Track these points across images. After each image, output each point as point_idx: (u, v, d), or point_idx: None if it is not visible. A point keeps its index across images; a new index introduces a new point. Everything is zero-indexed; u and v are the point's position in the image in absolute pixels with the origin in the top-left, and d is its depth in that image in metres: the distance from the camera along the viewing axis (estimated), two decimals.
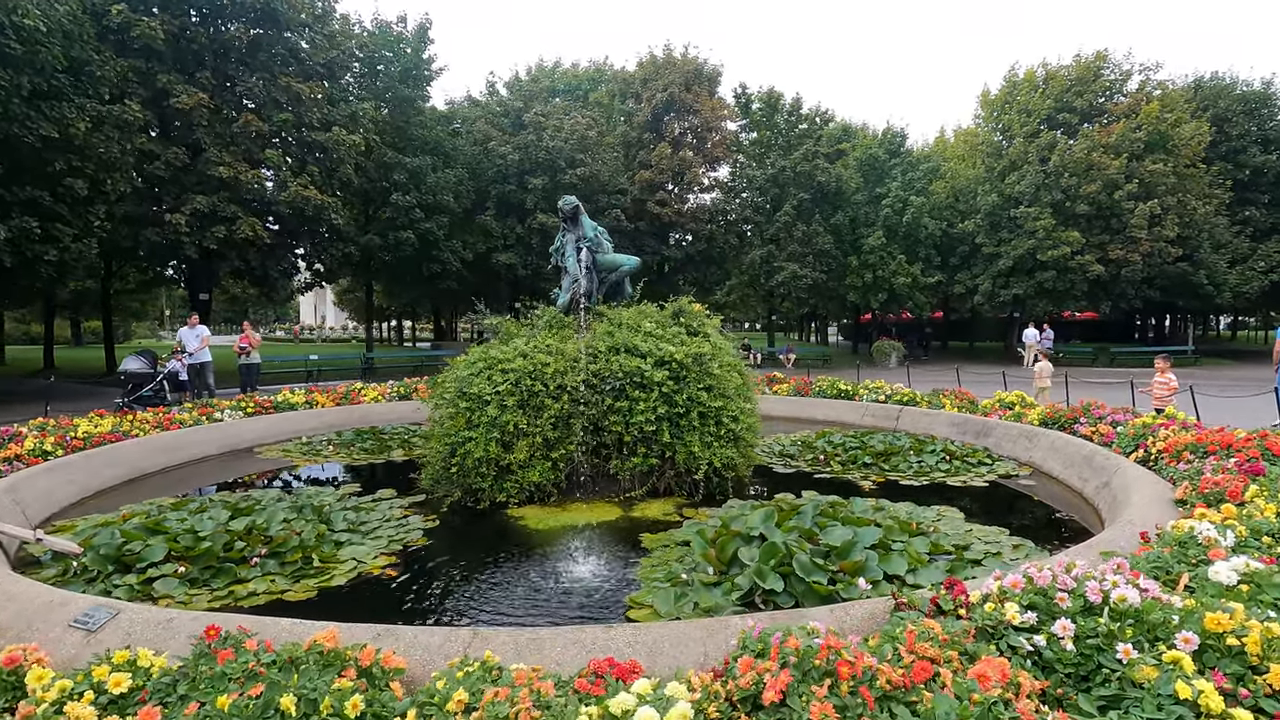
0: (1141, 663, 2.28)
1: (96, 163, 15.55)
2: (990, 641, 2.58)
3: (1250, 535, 3.67)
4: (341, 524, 6.11)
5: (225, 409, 11.28)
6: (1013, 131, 32.62)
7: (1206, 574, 3.06)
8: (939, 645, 2.45)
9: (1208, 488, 4.94)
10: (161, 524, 5.65)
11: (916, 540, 5.23)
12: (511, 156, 26.35)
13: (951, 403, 11.66)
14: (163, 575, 4.89)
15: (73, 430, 8.82)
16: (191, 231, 17.76)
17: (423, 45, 25.70)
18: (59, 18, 14.20)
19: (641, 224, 30.48)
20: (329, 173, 20.89)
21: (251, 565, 5.15)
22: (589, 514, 6.77)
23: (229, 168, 18.03)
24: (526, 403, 7.18)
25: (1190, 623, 2.39)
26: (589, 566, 5.38)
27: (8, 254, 14.40)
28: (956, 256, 34.51)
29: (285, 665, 2.50)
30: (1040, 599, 2.69)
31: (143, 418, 10.15)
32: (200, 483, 8.40)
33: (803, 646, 2.34)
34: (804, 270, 31.45)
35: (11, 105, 13.63)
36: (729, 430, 7.43)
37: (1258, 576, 2.90)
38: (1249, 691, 2.19)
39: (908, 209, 31.91)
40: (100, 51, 15.94)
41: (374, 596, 4.79)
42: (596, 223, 8.90)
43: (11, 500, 6.21)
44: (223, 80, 19.02)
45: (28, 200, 14.59)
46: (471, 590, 4.87)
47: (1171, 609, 2.56)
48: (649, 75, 31.16)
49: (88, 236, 15.97)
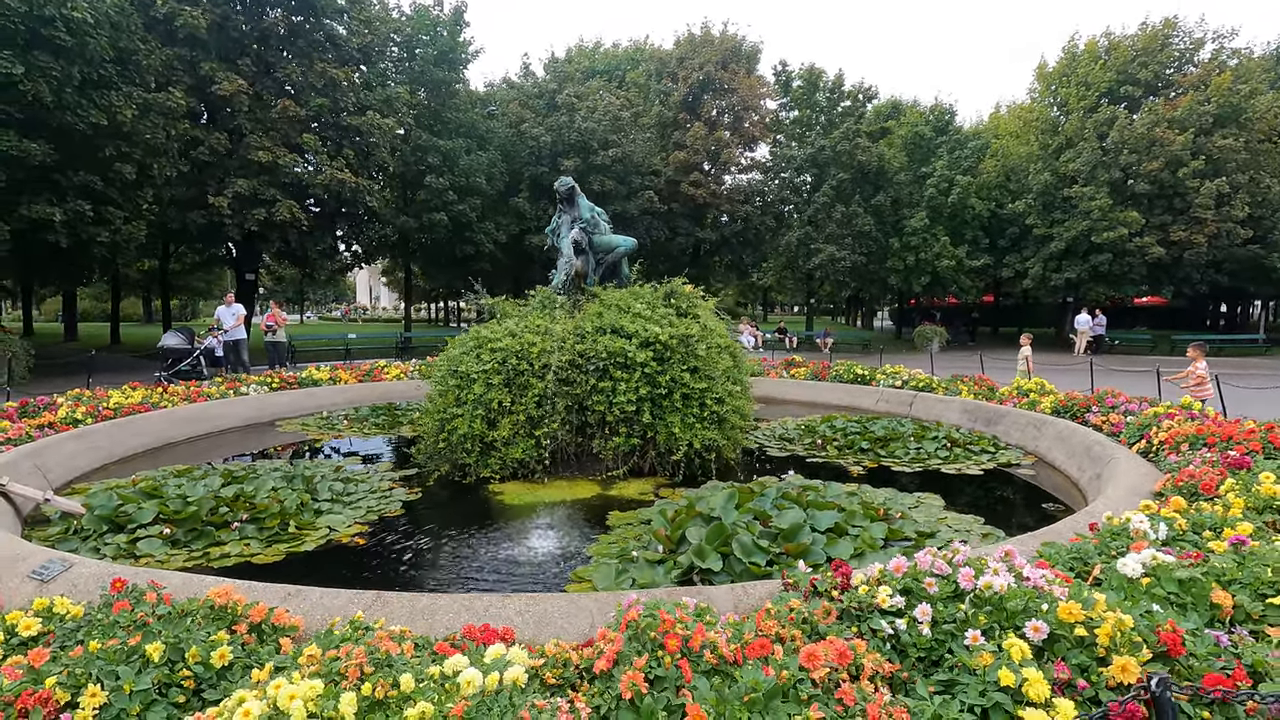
0: (982, 649, 2.24)
1: (144, 148, 16.37)
2: (854, 623, 2.58)
3: (1190, 529, 3.51)
4: (326, 494, 6.39)
5: (251, 384, 11.83)
6: (1069, 106, 30.95)
7: (1116, 566, 2.96)
8: (787, 624, 2.45)
9: (1183, 480, 4.72)
10: (159, 489, 6.03)
11: (875, 526, 5.15)
12: (544, 138, 26.49)
13: (969, 389, 11.32)
14: (148, 536, 5.24)
15: (105, 401, 9.41)
16: (233, 214, 18.57)
17: (458, 28, 25.97)
18: (106, 9, 14.92)
19: (675, 205, 30.25)
20: (365, 156, 21.46)
21: (232, 530, 5.45)
22: (568, 491, 6.89)
23: (268, 152, 18.72)
24: (512, 381, 7.32)
25: (1045, 613, 2.33)
26: (549, 541, 5.50)
27: (64, 235, 15.36)
28: (1006, 238, 33.14)
29: (176, 618, 2.68)
30: (914, 584, 2.65)
31: (174, 390, 10.74)
32: (220, 453, 8.84)
33: (642, 620, 2.39)
34: (842, 252, 30.73)
35: (64, 94, 14.45)
36: (713, 412, 7.41)
37: (1160, 570, 2.79)
38: (1088, 683, 2.14)
39: (953, 189, 30.76)
40: (146, 41, 16.70)
41: (336, 562, 5.02)
42: (621, 205, 8.92)
43: (33, 465, 6.70)
44: (263, 67, 19.69)
45: (81, 185, 15.49)
46: (430, 559, 5.06)
47: (1046, 598, 2.49)
48: (685, 54, 30.72)
49: (137, 219, 16.88)
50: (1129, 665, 2.11)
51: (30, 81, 13.61)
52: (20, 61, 13.41)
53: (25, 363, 15.77)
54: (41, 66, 13.77)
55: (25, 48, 13.55)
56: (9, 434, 7.28)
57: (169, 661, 2.35)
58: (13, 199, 14.55)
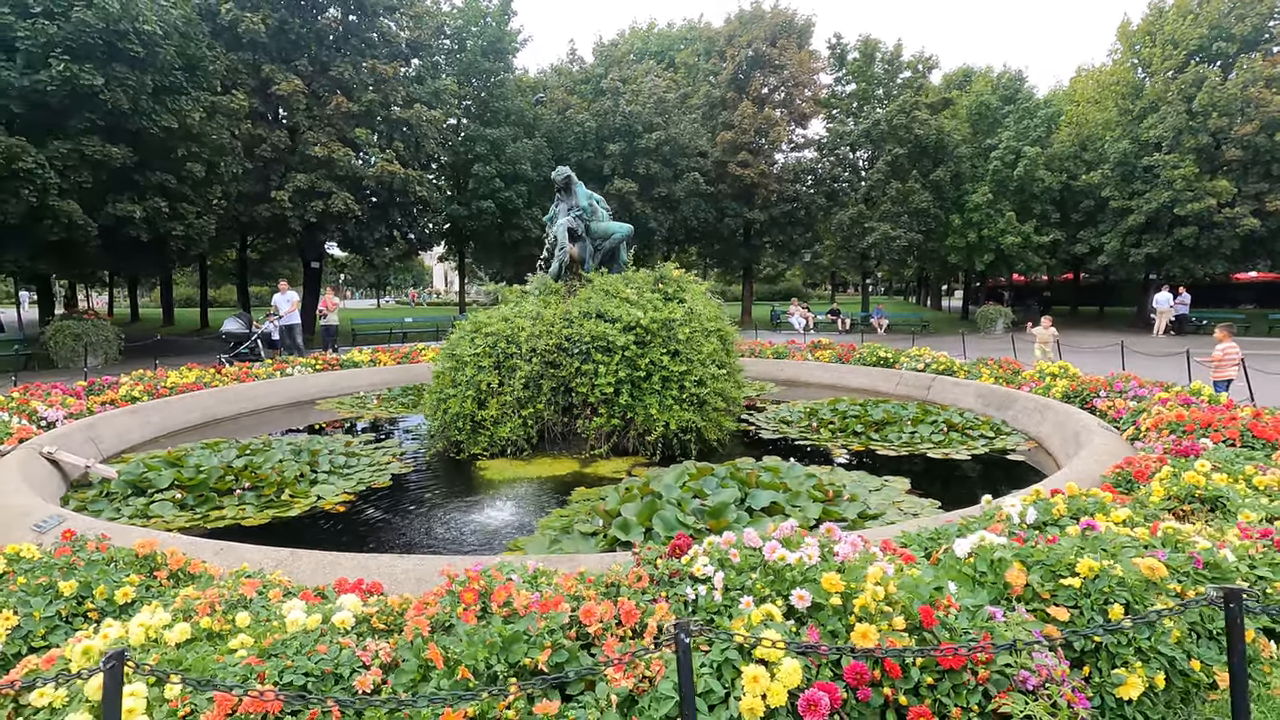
0: (750, 612, 2.44)
1: (211, 148, 17.74)
2: (664, 588, 2.81)
3: (1068, 514, 3.52)
4: (326, 466, 7.01)
5: (297, 365, 12.80)
6: (1153, 67, 28.58)
7: (953, 547, 3.06)
8: (586, 585, 2.71)
9: (1121, 468, 4.61)
10: (182, 459, 6.80)
11: (812, 507, 5.27)
12: (589, 124, 26.79)
13: (991, 373, 10.97)
14: (163, 499, 5.96)
15: (163, 381, 10.46)
16: (294, 206, 19.86)
17: (505, 18, 26.52)
18: (173, 20, 16.20)
19: (723, 186, 29.99)
20: (415, 148, 22.41)
21: (234, 496, 6.12)
22: (549, 468, 7.27)
23: (324, 147, 19.87)
24: (501, 364, 7.75)
25: (811, 583, 2.49)
26: (510, 513, 5.88)
27: (144, 230, 16.91)
28: (1080, 212, 31.08)
29: (104, 563, 3.19)
30: (725, 556, 2.85)
31: (228, 371, 11.78)
32: (261, 429, 9.67)
33: (482, 578, 2.70)
34: (897, 230, 29.70)
35: (140, 101, 15.85)
36: (692, 395, 7.60)
37: (981, 551, 2.88)
38: (827, 647, 2.31)
39: (1020, 161, 29.08)
40: (212, 48, 18.00)
41: (313, 526, 5.57)
42: (668, 188, 8.99)
43: (86, 436, 7.64)
44: (319, 67, 20.82)
45: (157, 184, 16.97)
46: (396, 525, 5.55)
47: (824, 569, 2.64)
48: (734, 32, 30.20)
49: (208, 214, 18.34)
50: (868, 632, 2.27)
51: (110, 91, 15.01)
52: (100, 73, 14.80)
53: (116, 345, 17.50)
54: (119, 77, 15.14)
55: (104, 61, 14.92)
56: (72, 409, 8.29)
57: (79, 596, 2.85)
58: (100, 198, 16.12)
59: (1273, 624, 2.85)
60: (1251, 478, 4.17)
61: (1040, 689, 2.23)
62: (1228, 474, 4.26)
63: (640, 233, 29.54)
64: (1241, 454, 4.84)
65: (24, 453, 6.30)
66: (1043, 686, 2.23)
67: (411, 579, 3.38)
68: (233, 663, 2.26)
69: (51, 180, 14.74)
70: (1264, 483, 4.11)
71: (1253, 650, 2.63)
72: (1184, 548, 2.96)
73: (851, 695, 2.20)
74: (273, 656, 2.27)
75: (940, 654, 2.20)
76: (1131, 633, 2.40)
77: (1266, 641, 2.71)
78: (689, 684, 1.71)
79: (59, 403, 8.30)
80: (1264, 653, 2.67)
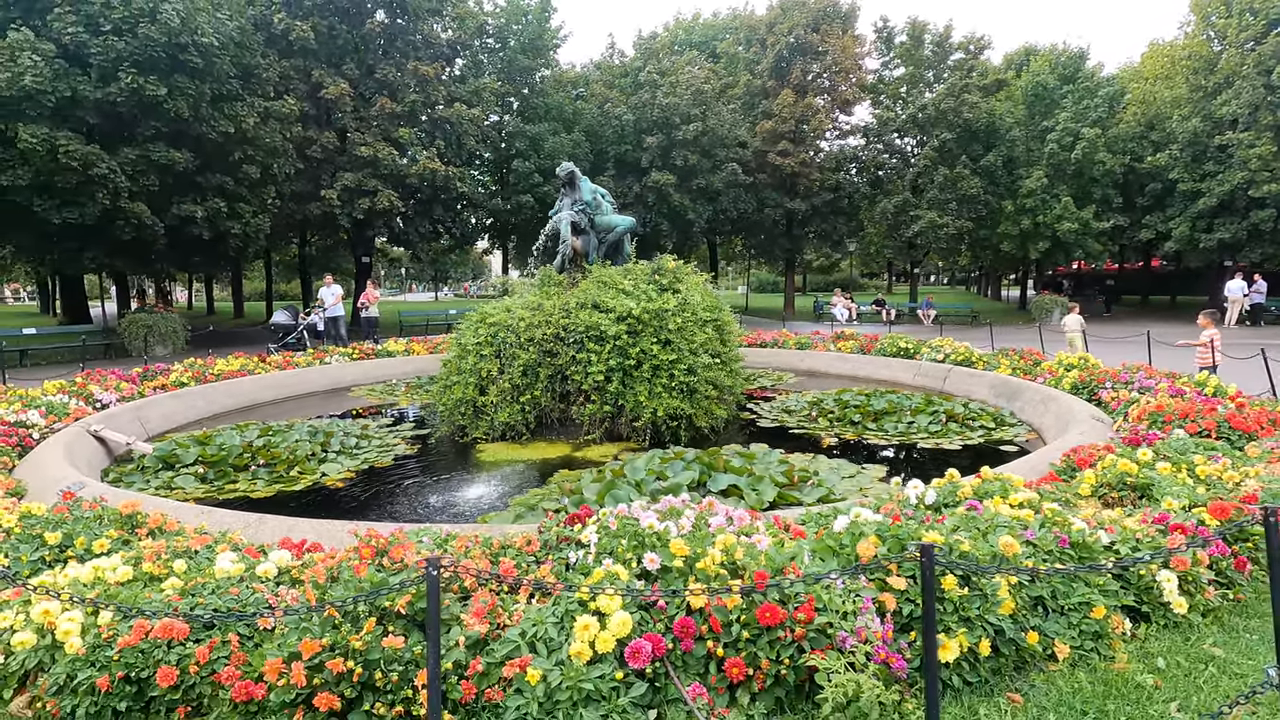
0: (601, 570, 2.69)
1: (265, 151, 18.88)
2: (551, 551, 3.10)
3: (973, 496, 3.61)
4: (337, 447, 7.56)
5: (335, 354, 13.61)
6: (1229, 40, 26.72)
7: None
8: (476, 547, 3.02)
9: (1068, 456, 4.61)
10: (210, 439, 7.47)
11: (768, 490, 5.43)
12: (626, 117, 27.01)
13: (1010, 364, 10.73)
14: (186, 474, 6.60)
15: (211, 368, 11.35)
16: (342, 204, 20.92)
17: (546, 15, 26.99)
18: (229, 32, 17.30)
19: (762, 176, 29.72)
20: (456, 145, 23.18)
21: (249, 472, 6.72)
22: (543, 452, 7.62)
23: (370, 147, 20.83)
24: (501, 352, 8.14)
25: (662, 548, 2.72)
26: (491, 491, 6.26)
27: (205, 228, 18.18)
28: (1146, 196, 29.44)
29: (91, 520, 3.70)
30: (605, 525, 3.11)
31: (272, 360, 12.65)
32: (294, 414, 10.33)
33: (390, 542, 3.05)
34: (945, 218, 28.80)
35: (200, 109, 17.03)
36: (682, 383, 7.80)
37: (852, 526, 3.04)
38: (665, 604, 2.55)
39: (1078, 143, 27.71)
40: (266, 56, 19.12)
41: (312, 498, 6.07)
42: (706, 179, 9.10)
43: (134, 417, 8.45)
44: (365, 70, 21.79)
45: (216, 186, 18.20)
46: (383, 499, 6.00)
47: (692, 537, 2.87)
48: (776, 19, 29.78)
49: (263, 213, 19.54)
50: (699, 591, 2.49)
51: (172, 100, 16.19)
52: (164, 84, 15.97)
53: (183, 336, 18.88)
54: (180, 87, 16.30)
55: (167, 72, 16.09)
56: (124, 393, 9.16)
57: (62, 545, 3.35)
58: (165, 200, 17.41)
59: (1137, 603, 2.91)
60: (1195, 467, 4.13)
61: (857, 649, 2.41)
62: (1173, 463, 4.23)
63: (679, 225, 29.66)
64: (1204, 444, 4.75)
65: (73, 431, 7.06)
66: (859, 646, 2.41)
67: (352, 541, 3.76)
68: (159, 599, 2.66)
69: (123, 184, 16.04)
70: (1206, 472, 4.07)
71: (1102, 626, 2.72)
72: (1063, 529, 3.04)
73: (677, 646, 2.44)
74: (190, 595, 2.67)
75: (760, 614, 2.41)
76: (961, 601, 2.54)
77: (1121, 619, 2.78)
78: (435, 611, 1.95)
79: (113, 387, 9.18)
80: (1116, 629, 2.75)
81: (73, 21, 15.13)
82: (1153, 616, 2.89)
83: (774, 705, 2.40)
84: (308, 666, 2.25)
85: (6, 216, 16.47)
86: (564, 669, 2.31)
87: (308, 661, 2.26)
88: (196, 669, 2.38)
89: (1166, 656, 2.67)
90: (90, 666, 2.39)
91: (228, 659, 2.41)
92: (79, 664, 2.40)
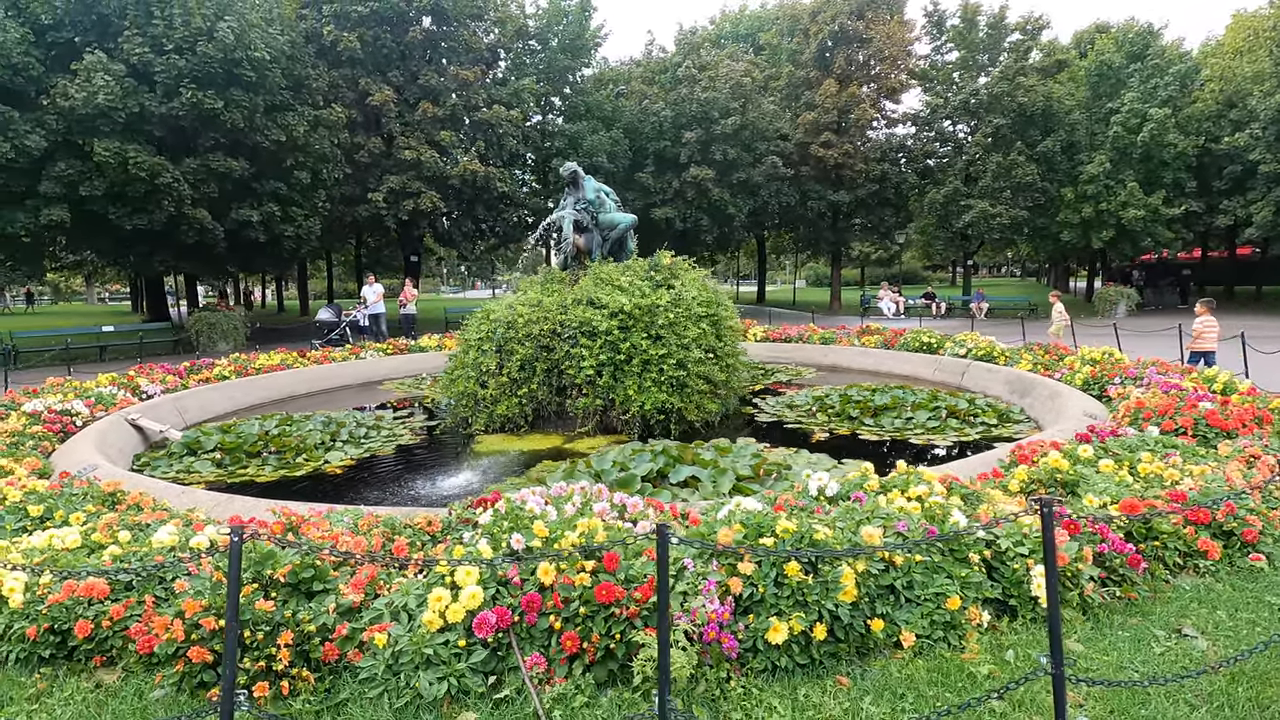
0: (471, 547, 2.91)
1: (315, 157, 19.94)
2: (450, 532, 3.34)
3: (879, 489, 3.65)
4: (345, 436, 8.04)
5: (370, 350, 14.32)
6: None
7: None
8: (376, 528, 3.29)
9: (1013, 452, 4.54)
10: (232, 427, 8.09)
11: (726, 482, 5.52)
12: (665, 113, 27.07)
13: (1031, 359, 10.36)
14: (205, 459, 7.19)
15: (253, 362, 12.16)
16: (388, 206, 21.87)
17: (586, 15, 27.31)
18: (280, 46, 18.35)
19: (805, 169, 29.25)
20: (497, 146, 23.82)
21: (260, 458, 7.25)
22: (536, 443, 7.90)
23: (414, 150, 21.68)
24: (501, 347, 8.45)
25: (525, 530, 2.91)
26: (475, 478, 6.56)
27: (261, 232, 19.36)
28: (1224, 179, 27.45)
29: (79, 496, 4.16)
30: (505, 511, 3.32)
31: (311, 355, 13.43)
32: (325, 406, 10.95)
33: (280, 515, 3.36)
34: (998, 207, 27.66)
35: (255, 119, 18.15)
36: (671, 377, 7.93)
37: (731, 514, 3.16)
38: (521, 581, 2.75)
39: (1145, 124, 26.10)
40: (315, 67, 20.17)
41: (310, 482, 6.52)
42: (746, 173, 9.21)
43: (173, 408, 9.20)
44: (409, 76, 22.67)
45: (271, 191, 19.35)
46: (373, 484, 6.40)
47: (564, 522, 3.05)
48: (819, 7, 29.17)
49: (314, 216, 20.65)
50: (548, 570, 2.68)
51: (229, 113, 17.31)
52: (221, 98, 17.10)
53: (243, 333, 20.16)
54: (236, 100, 17.42)
55: (224, 86, 17.22)
56: (169, 385, 9.97)
57: (43, 517, 3.80)
58: (225, 205, 18.64)
59: (1005, 597, 2.91)
60: (1136, 465, 4.03)
61: (691, 630, 2.55)
62: (1117, 461, 4.13)
63: (719, 220, 29.51)
64: (1166, 441, 4.59)
65: (111, 420, 7.78)
66: (693, 627, 2.55)
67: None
68: (95, 563, 3.04)
69: (186, 192, 17.27)
70: (1147, 470, 3.96)
71: (955, 617, 2.76)
72: (937, 523, 3.07)
73: (523, 619, 2.63)
74: (121, 562, 3.03)
75: (599, 592, 2.57)
76: (800, 586, 2.64)
77: (978, 610, 2.80)
78: (236, 574, 2.18)
79: (159, 380, 10.00)
80: (972, 620, 2.78)
81: (140, 43, 16.38)
82: (1020, 611, 2.89)
83: (606, 677, 2.55)
84: (187, 624, 2.55)
85: (87, 224, 17.99)
86: (413, 636, 2.53)
87: (188, 620, 2.56)
88: (109, 624, 2.72)
89: (1019, 649, 2.68)
90: (25, 619, 2.77)
91: (140, 617, 2.74)
92: (16, 617, 2.78)
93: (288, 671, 2.50)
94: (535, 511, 3.10)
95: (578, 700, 2.43)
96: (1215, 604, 3.02)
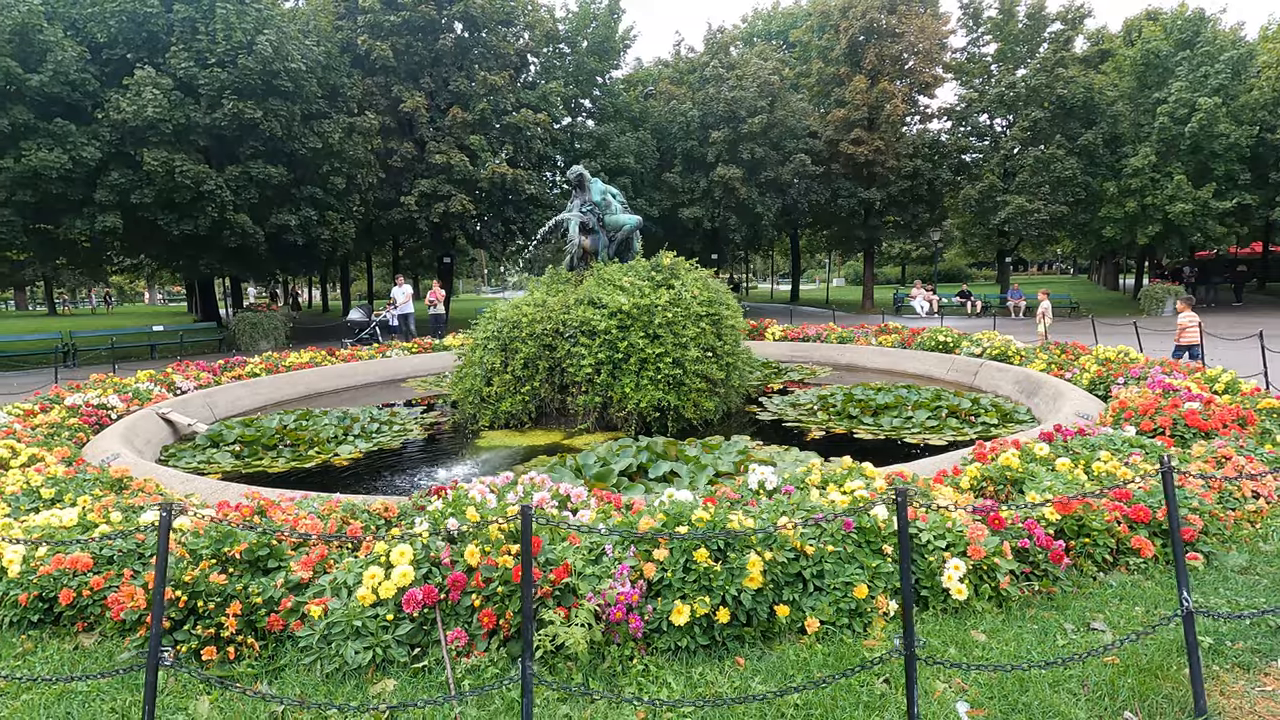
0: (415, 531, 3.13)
1: (350, 163, 20.69)
2: (405, 518, 3.58)
3: (819, 484, 3.75)
4: (357, 431, 8.43)
5: (396, 349, 14.83)
6: None
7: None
8: (338, 514, 3.54)
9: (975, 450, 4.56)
10: (254, 422, 8.56)
11: (703, 478, 5.66)
12: (692, 113, 27.14)
13: (1046, 358, 10.16)
14: (225, 451, 7.65)
15: (283, 360, 12.75)
16: (419, 209, 22.53)
17: (614, 18, 27.57)
18: (316, 56, 19.10)
19: (835, 166, 28.93)
20: (525, 150, 24.28)
21: (275, 451, 7.68)
22: (536, 439, 8.15)
23: (444, 155, 22.28)
24: (506, 346, 8.73)
25: (459, 515, 3.12)
26: (472, 471, 6.82)
27: (299, 235, 20.19)
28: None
29: (89, 482, 4.55)
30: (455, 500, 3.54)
31: (340, 353, 13.99)
32: (350, 403, 11.45)
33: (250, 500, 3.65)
34: (1035, 203, 26.88)
35: (292, 128, 18.94)
36: (668, 375, 8.08)
37: (663, 505, 3.32)
38: (463, 576, 2.96)
39: (1194, 114, 25.02)
40: (350, 76, 20.91)
41: (317, 473, 6.89)
42: (775, 171, 9.41)
43: (204, 403, 9.76)
44: (440, 82, 23.30)
45: (308, 196, 20.16)
46: (373, 475, 6.73)
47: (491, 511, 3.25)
48: (849, 3, 28.80)
49: (349, 219, 21.42)
50: (473, 552, 2.88)
51: (267, 122, 18.12)
52: (260, 108, 17.91)
53: (284, 331, 21.04)
54: (275, 109, 18.21)
55: (262, 97, 18.02)
56: (202, 381, 10.57)
57: (55, 499, 4.19)
58: (265, 211, 19.50)
59: (918, 587, 2.99)
60: (1090, 464, 4.03)
61: (601, 610, 2.72)
62: (1074, 459, 4.15)
63: (747, 218, 29.42)
64: (1134, 441, 4.55)
65: (143, 414, 8.33)
66: (604, 608, 2.72)
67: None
68: (84, 539, 3.37)
69: (228, 198, 18.14)
70: (1101, 469, 3.97)
71: (861, 605, 2.86)
72: (856, 516, 3.18)
73: (448, 596, 2.84)
74: (106, 539, 3.35)
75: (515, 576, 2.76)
76: (706, 571, 2.78)
77: (886, 599, 2.90)
78: (164, 548, 2.42)
79: (193, 377, 10.61)
80: (879, 609, 2.88)
81: (185, 58, 17.28)
82: (931, 601, 2.96)
83: (520, 650, 2.74)
84: (149, 594, 2.84)
85: (139, 230, 19.06)
86: (347, 609, 2.77)
87: (150, 590, 2.85)
88: (89, 593, 3.04)
89: (923, 638, 2.76)
90: (18, 587, 3.11)
91: (118, 588, 3.05)
92: (12, 585, 3.12)
93: (234, 638, 2.77)
94: (477, 500, 3.31)
95: (489, 671, 2.63)
96: (1136, 600, 3.03)
